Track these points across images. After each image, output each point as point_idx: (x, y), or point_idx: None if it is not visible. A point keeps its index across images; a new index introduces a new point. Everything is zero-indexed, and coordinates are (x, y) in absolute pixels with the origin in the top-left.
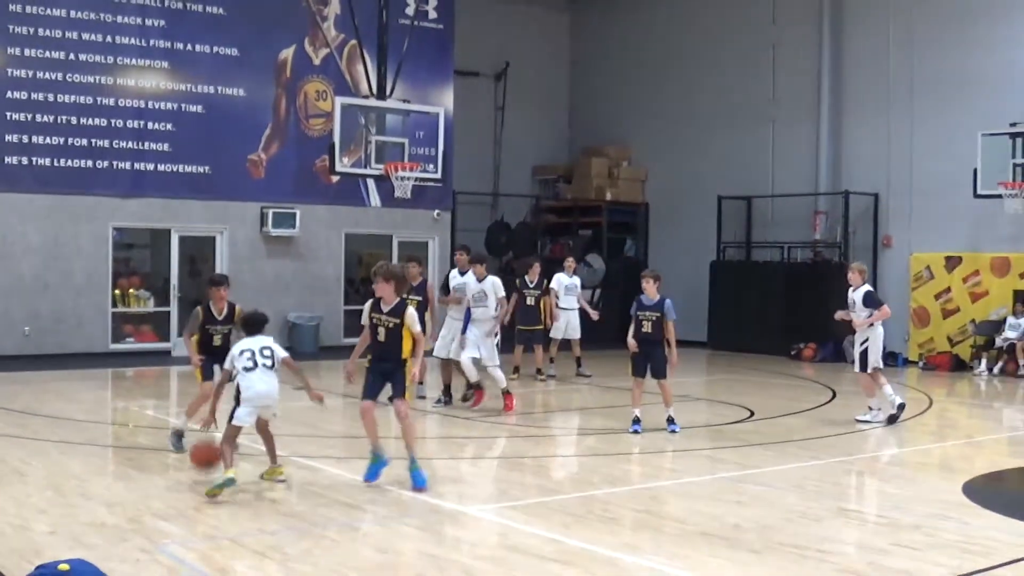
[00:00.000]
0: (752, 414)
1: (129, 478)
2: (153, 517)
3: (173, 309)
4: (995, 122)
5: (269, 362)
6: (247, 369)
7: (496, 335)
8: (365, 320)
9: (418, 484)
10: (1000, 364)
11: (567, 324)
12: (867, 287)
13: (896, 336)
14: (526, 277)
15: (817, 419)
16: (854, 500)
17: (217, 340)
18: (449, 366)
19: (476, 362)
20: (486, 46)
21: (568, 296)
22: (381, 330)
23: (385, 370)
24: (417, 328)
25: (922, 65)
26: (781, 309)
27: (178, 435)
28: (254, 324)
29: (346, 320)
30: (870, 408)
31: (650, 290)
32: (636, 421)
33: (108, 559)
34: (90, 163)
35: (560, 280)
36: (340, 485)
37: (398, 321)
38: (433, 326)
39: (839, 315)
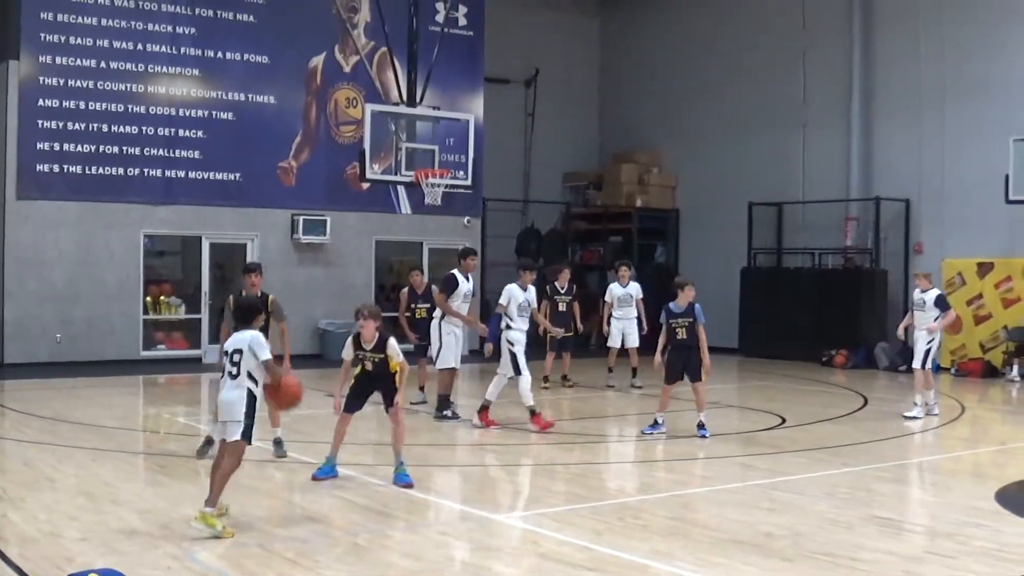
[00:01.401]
0: (784, 421)
1: (160, 484)
2: (184, 524)
3: (204, 316)
4: None
5: (234, 370)
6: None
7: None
8: (349, 355)
9: (403, 480)
10: None
11: (623, 334)
12: (938, 290)
13: None
14: (556, 283)
15: (849, 426)
16: (886, 507)
17: None
18: (451, 375)
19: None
20: (516, 53)
21: (623, 307)
22: (368, 364)
23: (374, 387)
24: (401, 358)
25: (953, 70)
26: (812, 315)
27: (209, 442)
28: (240, 311)
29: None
30: (916, 404)
31: (683, 297)
32: (655, 424)
33: (139, 566)
34: (121, 171)
35: (613, 291)
36: (371, 492)
37: (382, 356)
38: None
39: (904, 323)
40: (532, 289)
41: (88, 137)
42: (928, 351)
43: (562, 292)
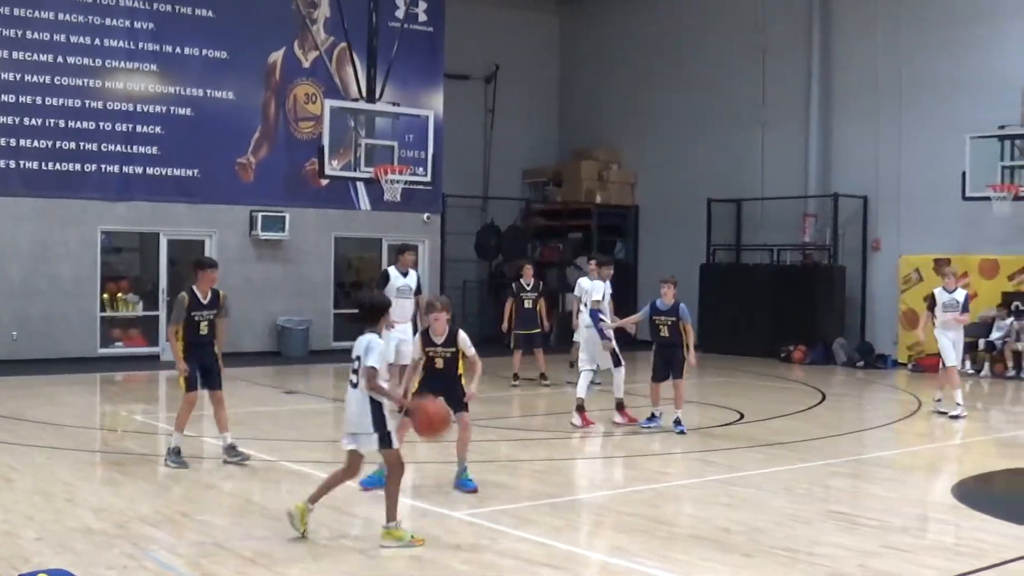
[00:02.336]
0: (742, 416)
1: (117, 483)
2: (140, 523)
3: (162, 313)
4: (983, 125)
5: (354, 378)
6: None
7: None
8: (419, 354)
9: (468, 486)
10: (988, 365)
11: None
12: (964, 289)
13: (885, 338)
14: (521, 280)
15: (807, 421)
16: (843, 502)
17: (203, 328)
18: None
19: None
20: (476, 49)
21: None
22: (439, 360)
23: (442, 386)
24: (473, 350)
25: (910, 68)
26: (771, 311)
27: (176, 452)
28: (364, 310)
29: (336, 324)
30: (959, 403)
31: (668, 295)
32: (653, 417)
33: (94, 565)
34: (78, 166)
35: (582, 285)
36: None
37: (453, 350)
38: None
39: (923, 324)
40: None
41: (45, 133)
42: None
43: (528, 289)
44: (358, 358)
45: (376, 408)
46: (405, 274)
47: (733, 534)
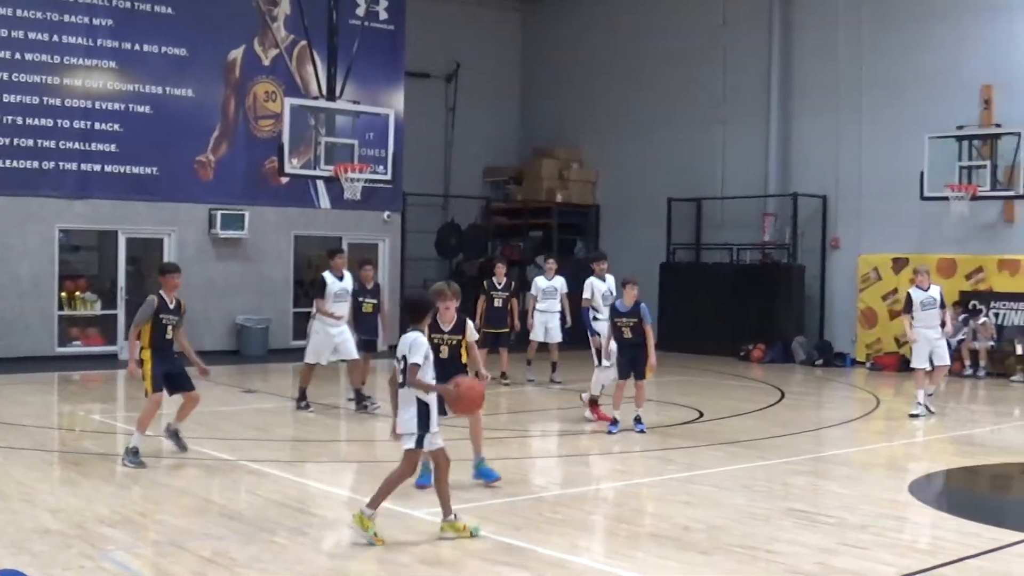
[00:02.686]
0: (701, 415)
1: (74, 483)
2: (98, 523)
3: (120, 312)
4: (942, 125)
5: (401, 377)
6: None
7: None
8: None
9: (490, 477)
10: None
11: (545, 328)
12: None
13: (844, 337)
14: (493, 279)
15: (766, 420)
16: (802, 500)
17: (169, 332)
18: (359, 367)
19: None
20: (437, 47)
21: (547, 299)
22: (444, 348)
23: (447, 375)
24: (475, 336)
25: (870, 68)
26: (730, 310)
27: (135, 452)
28: (411, 308)
29: (295, 322)
30: (930, 394)
31: (628, 296)
32: (615, 422)
33: (51, 566)
34: (36, 164)
35: (538, 283)
36: (288, 489)
37: (459, 338)
38: (387, 328)
39: (909, 330)
40: (611, 278)
41: (2, 130)
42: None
43: (499, 287)
44: (403, 357)
45: (423, 409)
46: (340, 278)
47: (692, 532)
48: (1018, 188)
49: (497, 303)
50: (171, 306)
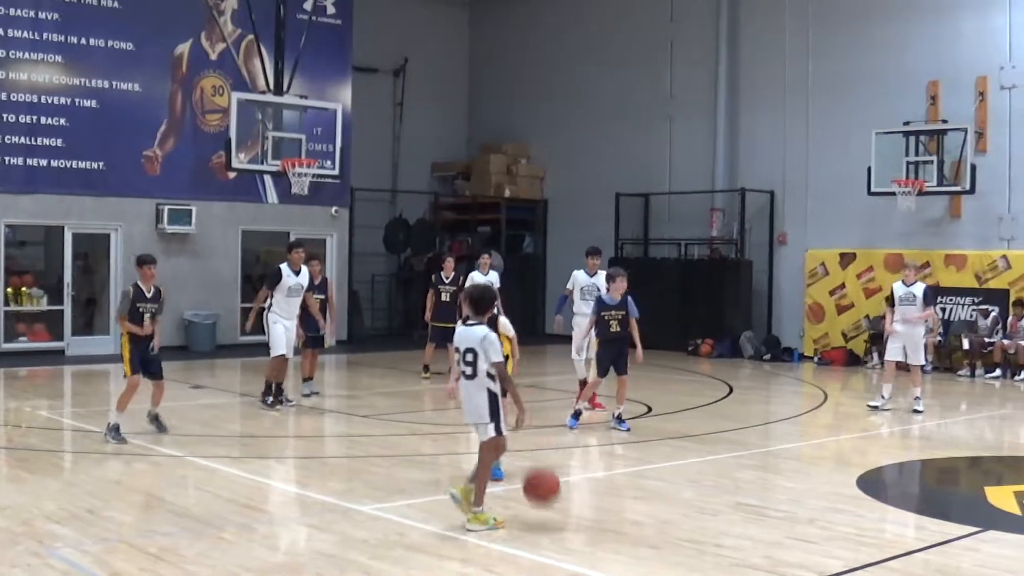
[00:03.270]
0: (650, 410)
1: (21, 480)
2: (45, 520)
3: (67, 308)
4: (888, 121)
5: (468, 369)
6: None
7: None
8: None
9: (496, 476)
10: None
11: None
12: (923, 283)
13: (791, 332)
14: (441, 273)
15: (714, 414)
16: (750, 494)
17: (146, 320)
18: (281, 363)
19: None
20: (385, 42)
21: None
22: None
23: None
24: (512, 332)
25: (817, 64)
26: (678, 305)
27: (116, 428)
28: (473, 301)
29: (243, 318)
30: (917, 398)
31: (615, 289)
32: (577, 415)
33: None
34: None
35: (473, 279)
36: (236, 485)
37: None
38: (333, 323)
39: (888, 322)
40: (601, 274)
41: None
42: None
43: (447, 282)
44: (470, 350)
45: (492, 398)
46: (297, 272)
47: (641, 527)
48: (964, 183)
49: (445, 298)
50: (148, 295)
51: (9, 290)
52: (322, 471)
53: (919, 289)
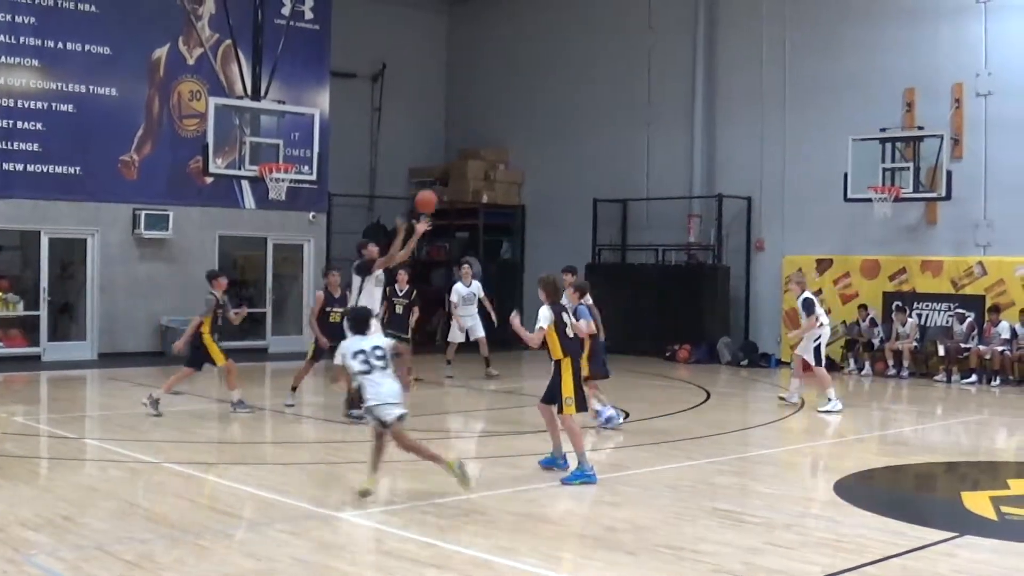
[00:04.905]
0: (627, 415)
1: None
2: (20, 527)
3: (43, 313)
4: (865, 127)
5: (381, 363)
6: (364, 372)
7: None
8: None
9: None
10: (869, 364)
11: (468, 330)
12: (806, 294)
13: (768, 338)
14: (395, 286)
15: (691, 420)
16: (728, 500)
17: (218, 320)
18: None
19: None
20: (363, 47)
21: (467, 305)
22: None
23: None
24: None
25: (794, 71)
26: (656, 311)
27: (156, 403)
28: (359, 321)
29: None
30: (829, 399)
31: (573, 299)
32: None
33: None
34: None
35: (458, 291)
36: (213, 492)
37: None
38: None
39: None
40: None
41: None
42: (818, 348)
43: (400, 294)
44: (380, 348)
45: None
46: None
47: (618, 532)
48: (940, 190)
49: (398, 310)
50: (222, 301)
51: None
52: (300, 477)
53: (799, 302)
